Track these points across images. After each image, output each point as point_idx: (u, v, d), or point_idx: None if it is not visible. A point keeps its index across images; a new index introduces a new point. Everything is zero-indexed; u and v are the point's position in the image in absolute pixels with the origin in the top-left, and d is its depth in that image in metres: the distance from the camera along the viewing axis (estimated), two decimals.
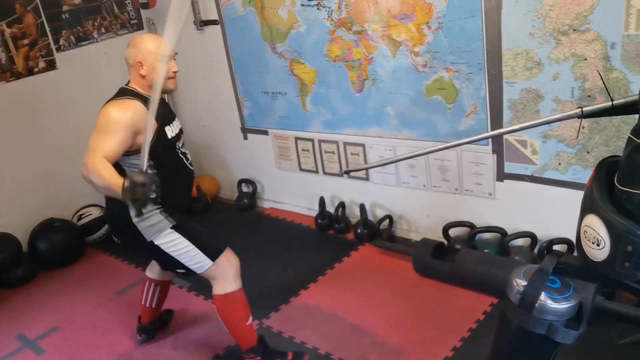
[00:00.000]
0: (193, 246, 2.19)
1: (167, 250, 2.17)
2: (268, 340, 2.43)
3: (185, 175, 2.32)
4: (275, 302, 2.93)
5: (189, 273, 2.26)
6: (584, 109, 1.46)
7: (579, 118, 1.47)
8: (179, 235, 2.18)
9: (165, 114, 2.23)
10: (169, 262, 2.25)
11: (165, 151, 2.19)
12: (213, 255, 2.23)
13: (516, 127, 1.74)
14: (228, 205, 4.17)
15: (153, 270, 2.63)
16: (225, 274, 2.25)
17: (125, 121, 2.04)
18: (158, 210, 2.18)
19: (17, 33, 3.48)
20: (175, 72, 2.20)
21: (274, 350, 2.41)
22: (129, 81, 2.24)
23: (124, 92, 2.19)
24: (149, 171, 2.07)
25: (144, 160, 1.94)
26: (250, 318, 2.33)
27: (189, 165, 2.33)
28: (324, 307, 2.86)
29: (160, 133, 2.15)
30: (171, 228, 2.18)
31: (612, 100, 1.40)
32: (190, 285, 3.18)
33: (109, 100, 2.19)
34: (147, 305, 2.68)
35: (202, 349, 2.64)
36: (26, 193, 3.65)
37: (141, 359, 2.68)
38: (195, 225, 2.29)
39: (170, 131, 2.23)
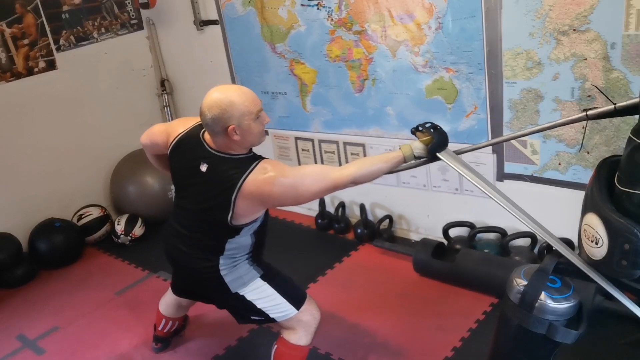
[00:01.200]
0: (278, 294, 2.06)
1: (251, 300, 2.03)
2: (267, 340, 2.43)
3: (268, 221, 2.15)
4: None
5: (266, 321, 2.13)
6: (589, 112, 1.48)
7: (585, 121, 1.49)
8: (265, 283, 2.06)
9: None
10: (249, 312, 2.09)
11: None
12: (297, 304, 2.09)
13: (527, 131, 1.75)
14: None
15: (168, 310, 2.51)
16: (307, 325, 2.12)
17: None
18: (247, 261, 2.06)
19: (17, 33, 3.48)
20: (267, 122, 1.95)
21: None
22: (212, 145, 1.94)
23: (250, 159, 1.92)
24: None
25: None
26: None
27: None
28: (324, 307, 2.83)
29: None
30: (260, 277, 2.07)
31: (613, 103, 1.41)
32: None
33: (246, 176, 1.87)
34: (171, 329, 2.59)
35: (202, 349, 2.64)
36: (26, 193, 3.65)
37: (141, 359, 2.67)
38: (279, 271, 2.15)
39: None
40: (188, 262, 2.09)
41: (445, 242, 3.08)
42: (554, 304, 1.39)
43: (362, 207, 3.38)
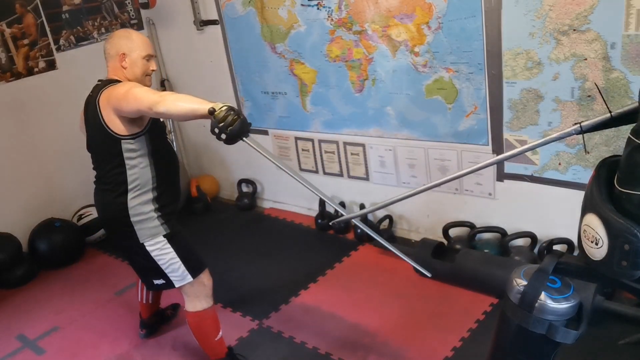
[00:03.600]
0: (178, 259, 2.22)
1: (154, 257, 2.19)
2: (267, 340, 2.44)
3: (174, 163, 2.35)
4: (275, 302, 2.93)
5: (166, 285, 2.29)
6: (583, 123, 1.43)
7: (578, 134, 1.45)
8: (169, 246, 2.20)
9: None
10: (150, 269, 2.25)
11: (158, 135, 2.22)
12: (195, 272, 2.26)
13: (525, 147, 1.69)
14: (228, 205, 4.17)
15: None
16: (198, 293, 2.30)
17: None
18: (156, 215, 2.19)
19: (17, 33, 3.48)
20: (153, 70, 2.26)
21: None
22: (106, 76, 2.26)
23: (111, 81, 2.20)
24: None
25: None
26: (220, 333, 2.39)
27: (174, 148, 2.39)
28: (324, 307, 2.86)
29: (154, 119, 2.17)
30: (164, 236, 2.19)
31: (610, 112, 1.38)
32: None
33: (100, 91, 2.14)
34: (143, 301, 2.72)
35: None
36: (26, 193, 3.65)
37: (141, 359, 2.68)
38: (186, 237, 2.29)
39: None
40: (101, 198, 2.25)
41: (445, 242, 3.08)
42: (554, 304, 1.38)
43: (362, 207, 3.38)
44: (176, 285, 2.28)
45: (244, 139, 1.87)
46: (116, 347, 2.77)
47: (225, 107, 1.81)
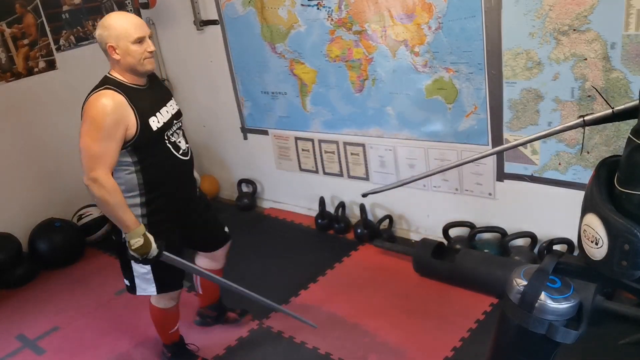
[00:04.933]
0: (151, 273, 2.18)
1: (130, 257, 2.10)
2: (267, 340, 2.50)
3: (174, 168, 2.16)
4: (275, 302, 2.91)
5: (129, 288, 2.27)
6: (586, 117, 1.46)
7: (582, 127, 1.47)
8: (168, 254, 2.14)
9: (148, 105, 2.07)
10: (124, 267, 2.23)
11: (149, 145, 2.06)
12: (163, 289, 2.25)
13: (526, 139, 1.73)
14: (228, 205, 4.17)
15: (200, 261, 2.56)
16: (162, 298, 2.34)
17: (112, 126, 1.97)
18: (141, 220, 2.10)
19: (17, 33, 3.48)
20: (151, 52, 2.04)
21: (187, 352, 2.58)
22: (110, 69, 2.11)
23: (105, 81, 2.06)
24: (164, 253, 2.10)
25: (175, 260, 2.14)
26: (176, 326, 2.49)
27: (179, 156, 2.16)
28: (324, 307, 2.86)
29: (142, 128, 2.01)
30: None
31: (612, 108, 1.40)
32: (190, 286, 3.17)
33: (91, 91, 2.07)
34: (198, 290, 2.71)
35: (202, 349, 2.64)
36: (26, 193, 3.66)
37: (141, 359, 2.68)
38: (169, 253, 2.16)
39: (156, 122, 2.07)
40: None
41: (445, 242, 3.08)
42: (554, 304, 1.38)
43: (362, 207, 3.38)
44: (136, 294, 2.25)
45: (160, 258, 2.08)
46: (116, 347, 2.77)
47: (137, 245, 2.00)
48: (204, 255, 2.55)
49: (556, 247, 2.73)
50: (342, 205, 3.54)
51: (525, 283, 1.42)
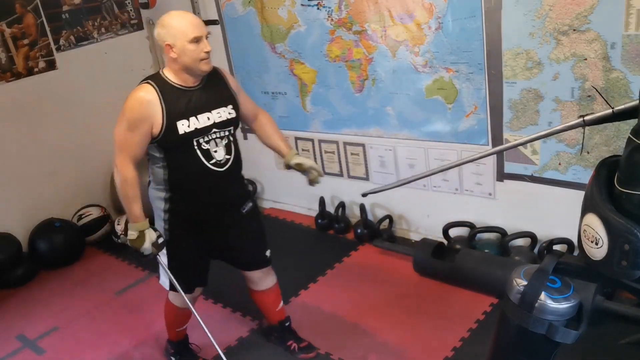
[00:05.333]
0: (167, 268, 2.20)
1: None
2: (267, 340, 2.49)
3: (201, 175, 2.10)
4: None
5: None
6: (586, 117, 1.46)
7: (582, 127, 1.47)
8: (164, 251, 2.19)
9: (183, 108, 2.04)
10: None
11: (174, 147, 2.05)
12: (172, 287, 2.27)
13: (526, 139, 1.72)
14: None
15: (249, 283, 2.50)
16: (176, 296, 2.33)
17: (135, 120, 1.99)
18: (163, 215, 2.15)
19: (17, 33, 3.48)
20: (207, 53, 2.00)
21: (190, 353, 2.58)
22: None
23: (151, 76, 2.08)
24: (160, 240, 2.13)
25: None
26: (184, 327, 2.50)
27: (209, 165, 2.09)
28: (324, 307, 2.85)
29: (167, 129, 2.01)
30: (164, 239, 2.18)
31: (612, 107, 1.40)
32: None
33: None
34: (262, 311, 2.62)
35: (203, 349, 2.63)
36: (26, 193, 3.65)
37: (141, 359, 2.68)
38: (186, 255, 2.21)
39: (185, 126, 2.03)
40: None
41: (445, 242, 3.08)
42: (554, 304, 1.38)
43: (362, 207, 3.38)
44: (159, 281, 2.34)
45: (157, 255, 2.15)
46: (116, 347, 2.77)
47: (131, 237, 2.09)
48: (245, 277, 2.46)
49: (556, 247, 2.73)
50: (342, 205, 3.54)
51: (525, 283, 1.41)
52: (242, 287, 2.69)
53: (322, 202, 3.57)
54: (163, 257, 2.19)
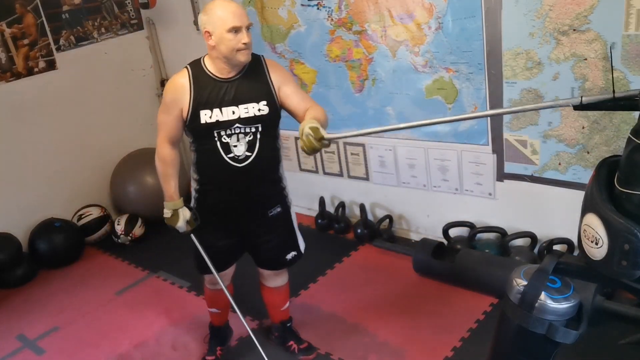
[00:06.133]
0: (199, 247, 2.25)
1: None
2: (267, 340, 2.50)
3: (220, 168, 2.09)
4: None
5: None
6: (584, 98, 1.43)
7: (576, 108, 1.44)
8: (194, 237, 2.24)
9: (210, 97, 2.03)
10: None
11: (197, 134, 2.08)
12: (198, 269, 2.36)
13: (514, 109, 1.74)
14: None
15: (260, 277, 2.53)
16: (205, 279, 2.45)
17: (169, 103, 2.08)
18: (194, 194, 2.22)
19: (17, 33, 3.48)
20: (245, 44, 1.96)
21: (216, 341, 2.59)
22: None
23: (192, 62, 2.12)
24: (194, 218, 2.20)
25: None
26: (215, 309, 2.53)
27: (227, 159, 2.07)
28: (324, 307, 2.86)
29: (192, 116, 2.03)
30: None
31: (614, 90, 1.37)
32: (190, 285, 3.18)
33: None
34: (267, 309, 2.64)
35: (202, 349, 2.63)
36: (26, 193, 3.65)
37: (141, 359, 2.68)
38: (207, 236, 2.23)
39: (207, 116, 2.02)
40: None
41: (445, 242, 3.08)
42: (554, 304, 1.38)
43: (362, 207, 3.38)
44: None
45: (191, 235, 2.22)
46: (116, 347, 2.77)
47: (166, 216, 2.19)
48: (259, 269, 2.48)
49: (556, 247, 2.73)
50: (342, 205, 3.54)
51: (525, 283, 1.42)
52: (243, 287, 2.69)
53: (322, 202, 3.57)
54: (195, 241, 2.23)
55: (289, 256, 2.35)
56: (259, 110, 2.07)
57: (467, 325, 2.57)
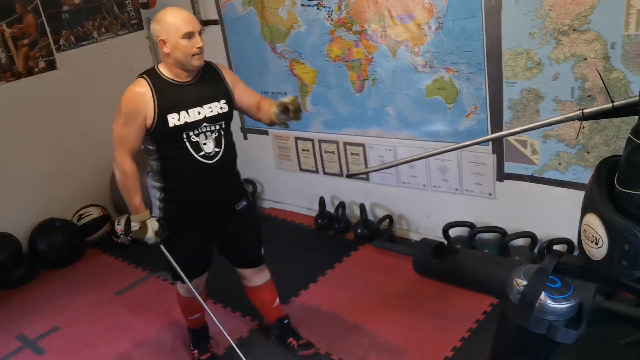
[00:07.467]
0: (170, 257, 2.25)
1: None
2: (267, 340, 2.52)
3: (191, 168, 2.14)
4: None
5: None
6: (585, 110, 1.45)
7: (579, 120, 1.46)
8: (164, 248, 2.23)
9: (174, 101, 2.08)
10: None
11: (165, 139, 2.11)
12: (173, 278, 2.36)
13: (518, 129, 1.73)
14: None
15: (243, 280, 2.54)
16: (180, 287, 2.45)
17: (130, 114, 2.07)
18: (159, 204, 2.22)
19: (17, 33, 3.48)
20: (200, 48, 2.05)
21: (204, 341, 2.61)
22: None
23: (146, 71, 2.15)
24: (161, 230, 2.19)
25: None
26: (196, 315, 2.54)
27: (198, 158, 2.13)
28: (324, 307, 2.86)
29: (159, 122, 2.07)
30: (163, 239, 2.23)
31: (612, 101, 1.39)
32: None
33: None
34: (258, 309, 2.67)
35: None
36: (26, 193, 3.65)
37: (141, 359, 2.68)
38: (181, 244, 2.24)
39: (176, 119, 2.08)
40: None
41: (445, 242, 3.08)
42: (554, 304, 1.38)
43: (362, 207, 3.38)
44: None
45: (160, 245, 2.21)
46: (116, 347, 2.77)
47: (134, 229, 2.17)
48: (239, 273, 2.50)
49: (556, 247, 2.73)
50: (342, 205, 3.54)
51: (525, 283, 1.42)
52: (242, 287, 2.70)
53: (322, 202, 3.57)
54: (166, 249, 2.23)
55: (262, 251, 2.45)
56: (221, 108, 2.18)
57: (467, 325, 2.57)
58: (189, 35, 2.02)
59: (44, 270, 3.58)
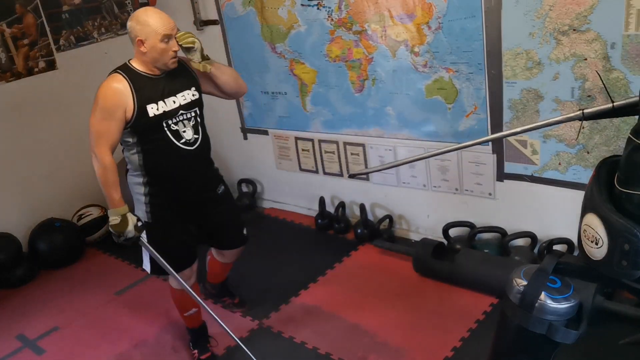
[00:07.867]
0: (147, 251, 2.30)
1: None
2: (267, 340, 2.52)
3: (173, 156, 2.22)
4: (275, 301, 2.93)
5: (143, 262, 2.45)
6: (585, 110, 1.46)
7: (580, 120, 1.46)
8: (144, 234, 2.26)
9: (151, 92, 2.16)
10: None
11: (147, 129, 2.17)
12: (152, 271, 2.41)
13: (518, 129, 1.73)
14: None
15: (212, 251, 2.71)
16: (172, 281, 2.47)
17: (110, 108, 2.10)
18: (144, 199, 2.27)
19: (17, 33, 3.48)
20: (175, 52, 2.15)
21: (203, 340, 2.62)
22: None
23: (120, 67, 2.21)
24: (139, 224, 2.21)
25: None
26: (191, 310, 2.53)
27: (180, 145, 2.21)
28: (324, 307, 2.86)
29: (139, 113, 2.13)
30: (145, 222, 2.27)
31: (612, 102, 1.39)
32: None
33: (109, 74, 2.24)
34: (206, 267, 2.81)
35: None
36: (26, 193, 3.65)
37: (141, 359, 2.68)
38: (168, 237, 2.31)
39: (155, 109, 2.15)
40: None
41: (445, 242, 3.08)
42: (554, 304, 1.38)
43: (362, 207, 3.38)
44: (142, 265, 2.41)
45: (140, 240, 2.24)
46: (116, 347, 2.77)
47: (114, 222, 2.17)
48: (215, 249, 2.65)
49: (556, 247, 2.73)
50: (342, 205, 3.54)
51: (525, 283, 1.42)
52: (242, 287, 2.70)
53: (322, 202, 3.57)
54: (145, 240, 2.26)
55: (245, 231, 2.57)
56: (193, 95, 2.28)
57: (467, 325, 2.57)
58: (167, 39, 2.11)
59: (44, 270, 3.58)
